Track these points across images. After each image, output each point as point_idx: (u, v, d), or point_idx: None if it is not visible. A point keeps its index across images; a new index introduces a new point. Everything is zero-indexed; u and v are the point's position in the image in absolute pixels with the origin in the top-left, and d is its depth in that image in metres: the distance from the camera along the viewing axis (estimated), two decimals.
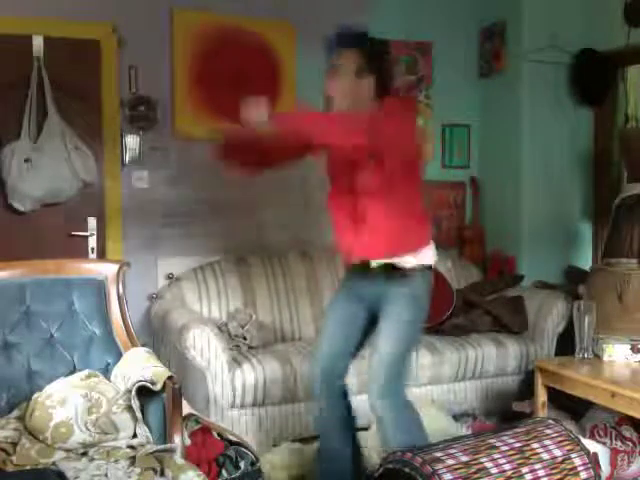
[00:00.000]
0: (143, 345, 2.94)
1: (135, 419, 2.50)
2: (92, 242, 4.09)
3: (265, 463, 3.10)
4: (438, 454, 2.40)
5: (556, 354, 4.06)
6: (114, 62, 4.09)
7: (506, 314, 4.18)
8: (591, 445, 2.97)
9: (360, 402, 3.58)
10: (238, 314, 3.98)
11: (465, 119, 4.96)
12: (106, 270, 2.95)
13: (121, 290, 2.93)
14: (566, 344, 3.87)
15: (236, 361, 3.55)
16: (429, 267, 2.77)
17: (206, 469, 2.58)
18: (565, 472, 2.49)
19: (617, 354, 3.43)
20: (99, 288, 2.91)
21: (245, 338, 3.84)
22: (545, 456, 2.50)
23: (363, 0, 4.61)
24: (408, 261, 2.70)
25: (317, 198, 3.96)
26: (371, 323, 2.82)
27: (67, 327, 2.82)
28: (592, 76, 4.51)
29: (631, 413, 3.07)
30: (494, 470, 2.38)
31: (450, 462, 2.36)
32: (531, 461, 2.46)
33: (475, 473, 2.35)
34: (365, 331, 2.87)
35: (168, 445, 2.42)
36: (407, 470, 2.35)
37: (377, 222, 2.69)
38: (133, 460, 2.35)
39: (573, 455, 2.55)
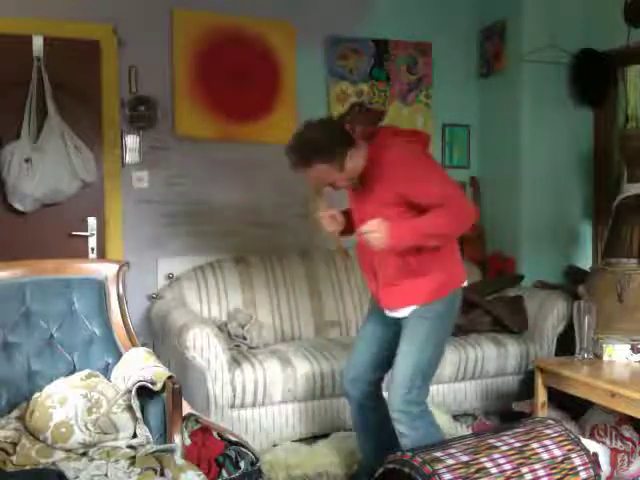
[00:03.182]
0: (143, 345, 2.94)
1: (135, 419, 2.50)
2: (92, 242, 4.09)
3: (265, 463, 3.10)
4: (438, 454, 2.40)
5: (556, 354, 4.06)
6: (114, 62, 4.09)
7: (506, 314, 4.18)
8: (591, 445, 2.97)
9: None
10: (238, 314, 3.98)
11: (465, 119, 4.95)
12: (106, 270, 2.95)
13: (121, 290, 2.93)
14: (566, 344, 3.87)
15: (236, 361, 3.55)
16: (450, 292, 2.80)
17: (206, 469, 2.57)
18: (565, 472, 2.50)
19: (617, 354, 3.43)
20: (99, 288, 2.91)
21: (245, 338, 3.84)
22: (545, 456, 2.50)
23: (363, 0, 4.61)
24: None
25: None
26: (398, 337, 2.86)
27: (67, 327, 2.81)
28: (592, 76, 4.50)
29: (631, 413, 3.06)
30: (494, 470, 2.38)
31: (450, 462, 2.36)
32: (531, 461, 2.46)
33: (475, 473, 2.35)
34: (392, 347, 2.89)
35: (168, 445, 2.42)
36: (407, 470, 2.35)
37: (387, 279, 2.77)
38: (133, 460, 2.35)
39: (573, 455, 2.55)
